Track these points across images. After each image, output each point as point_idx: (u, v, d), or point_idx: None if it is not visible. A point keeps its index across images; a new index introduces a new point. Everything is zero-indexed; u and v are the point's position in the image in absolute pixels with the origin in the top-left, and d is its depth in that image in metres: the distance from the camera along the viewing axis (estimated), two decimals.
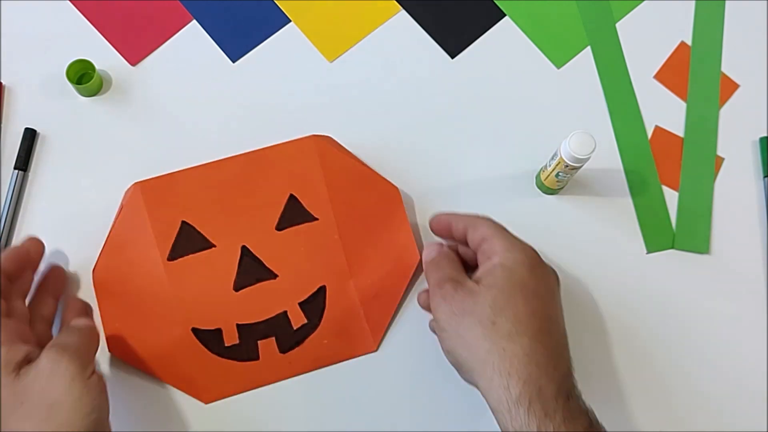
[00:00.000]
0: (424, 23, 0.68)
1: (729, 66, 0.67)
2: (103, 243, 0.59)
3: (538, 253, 0.53)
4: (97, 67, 0.63)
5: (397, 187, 0.62)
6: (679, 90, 0.67)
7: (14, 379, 0.47)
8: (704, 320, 0.61)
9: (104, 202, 0.61)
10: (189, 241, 0.59)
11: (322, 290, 0.59)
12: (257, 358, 0.58)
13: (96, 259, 0.59)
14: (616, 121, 0.66)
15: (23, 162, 0.62)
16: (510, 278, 0.50)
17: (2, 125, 0.63)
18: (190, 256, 0.58)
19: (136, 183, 0.59)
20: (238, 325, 0.58)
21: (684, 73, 0.67)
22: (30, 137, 0.62)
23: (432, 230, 0.58)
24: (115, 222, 0.59)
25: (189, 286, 0.58)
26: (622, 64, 0.67)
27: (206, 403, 0.58)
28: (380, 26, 0.67)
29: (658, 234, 0.63)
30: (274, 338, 0.58)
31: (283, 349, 0.58)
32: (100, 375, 0.49)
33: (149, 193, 0.59)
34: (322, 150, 0.61)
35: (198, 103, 0.64)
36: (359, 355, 0.59)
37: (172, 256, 0.58)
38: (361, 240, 0.60)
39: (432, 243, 0.57)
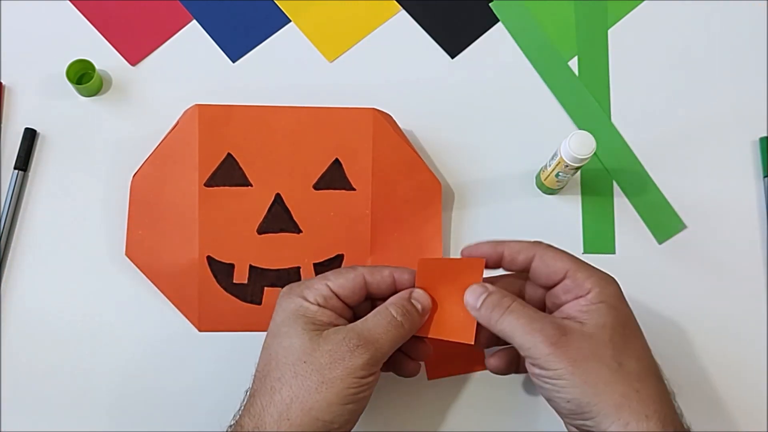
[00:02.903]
0: (424, 23, 0.68)
1: (729, 66, 0.68)
2: (151, 152, 0.61)
3: None
4: (97, 67, 0.64)
5: (440, 182, 0.62)
6: None
7: (314, 335, 0.47)
8: (704, 320, 0.61)
9: (104, 202, 0.62)
10: (229, 174, 0.60)
11: (339, 258, 0.60)
12: (260, 303, 0.60)
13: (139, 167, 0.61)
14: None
15: (23, 162, 0.62)
16: (618, 315, 0.47)
17: (2, 125, 0.63)
18: (226, 188, 0.60)
19: (197, 104, 0.61)
20: (251, 266, 0.60)
21: None
22: (30, 137, 0.62)
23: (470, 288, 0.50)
24: (166, 136, 0.61)
25: (217, 215, 0.60)
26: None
27: (200, 330, 0.60)
28: (380, 26, 0.67)
29: (663, 223, 0.63)
30: (281, 289, 0.59)
31: None
32: (378, 375, 0.48)
33: (205, 117, 0.60)
34: (379, 125, 0.61)
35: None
36: None
37: (210, 183, 0.60)
38: (391, 222, 0.61)
39: (476, 285, 0.49)
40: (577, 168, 0.57)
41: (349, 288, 0.49)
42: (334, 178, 0.61)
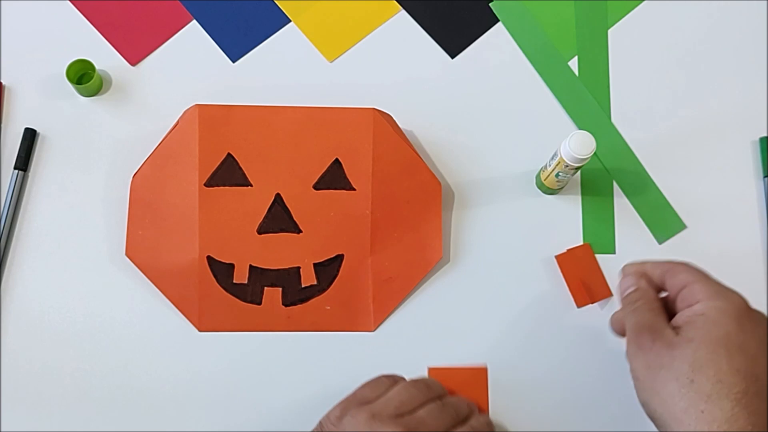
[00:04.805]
0: (424, 23, 0.68)
1: (729, 66, 0.67)
2: (151, 152, 0.61)
3: (745, 300, 0.49)
4: (97, 67, 0.64)
5: (440, 182, 0.62)
6: None
7: None
8: None
9: (104, 202, 0.62)
10: (229, 174, 0.60)
11: (339, 258, 0.60)
12: (260, 303, 0.60)
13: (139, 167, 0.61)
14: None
15: (23, 162, 0.62)
16: (712, 331, 0.46)
17: (2, 125, 0.63)
18: (226, 188, 0.60)
19: (196, 104, 0.61)
20: (250, 266, 0.60)
21: None
22: (30, 137, 0.62)
23: (623, 280, 0.54)
24: (166, 136, 0.61)
25: (217, 215, 0.60)
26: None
27: (200, 330, 0.60)
28: (380, 26, 0.67)
29: (663, 223, 0.63)
30: (281, 289, 0.60)
31: (287, 302, 0.60)
32: None
33: (205, 117, 0.60)
34: (379, 125, 0.61)
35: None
36: (356, 331, 0.60)
37: (210, 183, 0.60)
38: (391, 222, 0.61)
39: (629, 273, 0.54)
40: (577, 168, 0.57)
41: None
42: (334, 178, 0.61)
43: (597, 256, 0.63)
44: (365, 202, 0.61)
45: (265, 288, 0.60)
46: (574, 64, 0.67)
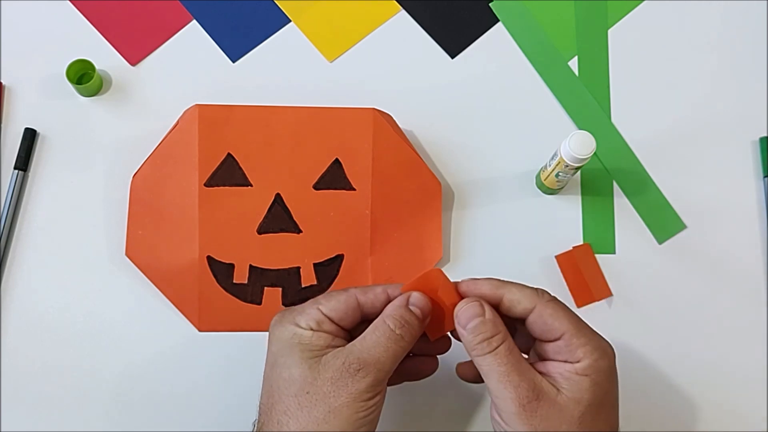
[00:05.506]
0: (424, 23, 0.68)
1: (729, 66, 0.68)
2: (150, 152, 0.61)
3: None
4: (97, 67, 0.64)
5: (439, 182, 0.62)
6: None
7: (313, 363, 0.45)
8: (704, 320, 0.61)
9: (104, 202, 0.62)
10: (229, 174, 0.60)
11: (339, 258, 0.60)
12: (260, 303, 0.60)
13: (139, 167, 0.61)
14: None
15: (23, 162, 0.62)
16: (597, 393, 0.45)
17: (2, 125, 0.63)
18: (226, 188, 0.60)
19: (196, 104, 0.61)
20: (250, 266, 0.60)
21: None
22: (30, 137, 0.62)
23: (464, 293, 0.48)
24: (166, 136, 0.61)
25: (217, 215, 0.60)
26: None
27: (200, 330, 0.60)
28: (380, 26, 0.67)
29: (663, 223, 0.63)
30: (281, 289, 0.60)
31: (287, 302, 0.60)
32: (384, 392, 0.47)
33: (205, 117, 0.60)
34: (379, 125, 0.61)
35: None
36: None
37: (210, 183, 0.60)
38: (391, 222, 0.61)
39: (471, 301, 0.47)
40: (577, 168, 0.57)
41: (341, 310, 0.47)
42: (334, 178, 0.61)
43: (597, 256, 0.63)
44: (365, 202, 0.61)
45: (265, 288, 0.60)
46: (574, 64, 0.67)
